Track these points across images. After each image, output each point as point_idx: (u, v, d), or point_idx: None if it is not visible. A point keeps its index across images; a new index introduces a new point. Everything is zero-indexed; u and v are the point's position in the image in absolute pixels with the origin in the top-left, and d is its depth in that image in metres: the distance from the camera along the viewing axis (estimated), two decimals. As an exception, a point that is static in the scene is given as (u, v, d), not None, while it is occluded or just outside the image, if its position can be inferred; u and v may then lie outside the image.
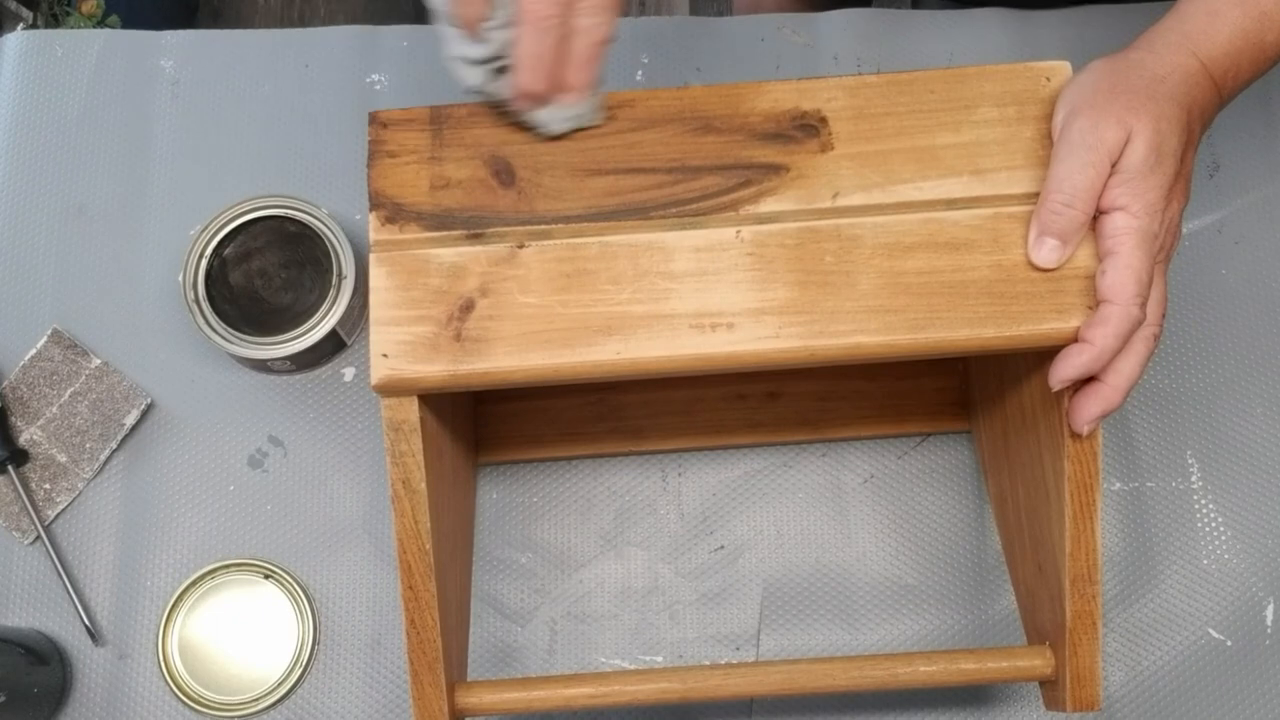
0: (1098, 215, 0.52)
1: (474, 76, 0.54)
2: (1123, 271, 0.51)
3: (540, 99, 0.53)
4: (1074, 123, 0.52)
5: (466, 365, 0.53)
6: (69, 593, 0.70)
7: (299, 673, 0.69)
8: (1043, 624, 0.61)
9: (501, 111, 0.55)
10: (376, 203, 0.56)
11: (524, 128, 0.56)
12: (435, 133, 0.56)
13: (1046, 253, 0.52)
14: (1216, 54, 0.55)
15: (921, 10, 0.82)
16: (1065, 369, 0.52)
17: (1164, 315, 0.54)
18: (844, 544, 0.72)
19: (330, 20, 1.69)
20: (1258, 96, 0.78)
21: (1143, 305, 0.51)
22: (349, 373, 0.75)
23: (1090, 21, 0.80)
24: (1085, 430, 0.53)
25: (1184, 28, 0.55)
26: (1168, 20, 0.56)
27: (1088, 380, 0.53)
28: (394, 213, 0.55)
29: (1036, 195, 0.54)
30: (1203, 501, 0.72)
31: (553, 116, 0.54)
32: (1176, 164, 0.52)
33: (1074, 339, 0.52)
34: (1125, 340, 0.52)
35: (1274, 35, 0.55)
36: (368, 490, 0.73)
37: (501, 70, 0.53)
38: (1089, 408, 0.53)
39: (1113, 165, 0.52)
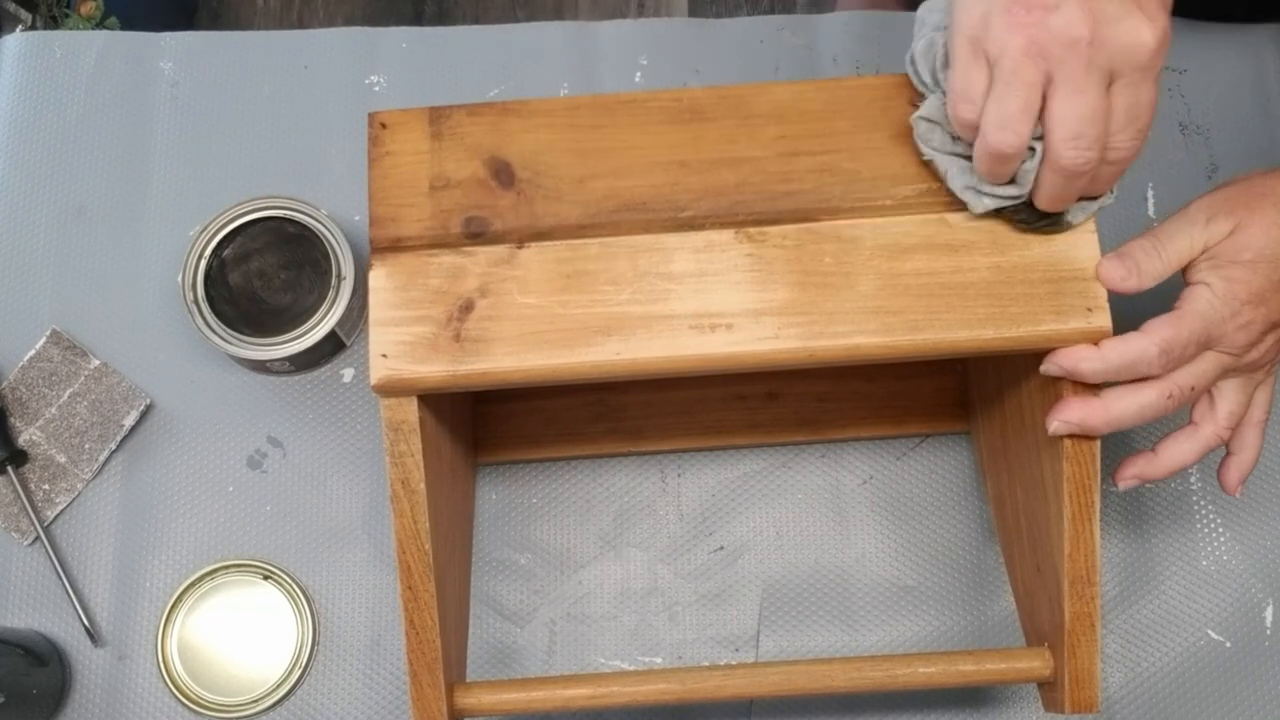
0: (1184, 285, 0.54)
1: (989, 205, 0.53)
2: (1165, 321, 0.52)
3: None
4: (1194, 204, 0.54)
5: (466, 366, 0.53)
6: (68, 593, 0.70)
7: (298, 673, 0.69)
8: (1041, 625, 0.61)
9: (1013, 219, 0.54)
10: (376, 203, 0.56)
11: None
12: (435, 134, 0.56)
13: (1116, 269, 0.53)
14: None
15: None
16: (1063, 356, 0.53)
17: (1235, 424, 0.56)
18: (843, 545, 0.72)
19: (329, 22, 1.69)
20: (1257, 96, 0.78)
21: (1163, 355, 0.52)
22: (348, 373, 0.75)
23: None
24: (1051, 428, 0.54)
25: None
26: None
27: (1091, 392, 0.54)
28: (393, 213, 0.55)
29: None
30: (1202, 503, 0.72)
31: (1072, 212, 0.53)
32: (1274, 271, 0.53)
33: (1073, 342, 0.53)
34: (1130, 371, 0.52)
35: None
36: (367, 491, 0.73)
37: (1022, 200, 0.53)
38: (1070, 410, 0.53)
39: (1206, 247, 0.53)
